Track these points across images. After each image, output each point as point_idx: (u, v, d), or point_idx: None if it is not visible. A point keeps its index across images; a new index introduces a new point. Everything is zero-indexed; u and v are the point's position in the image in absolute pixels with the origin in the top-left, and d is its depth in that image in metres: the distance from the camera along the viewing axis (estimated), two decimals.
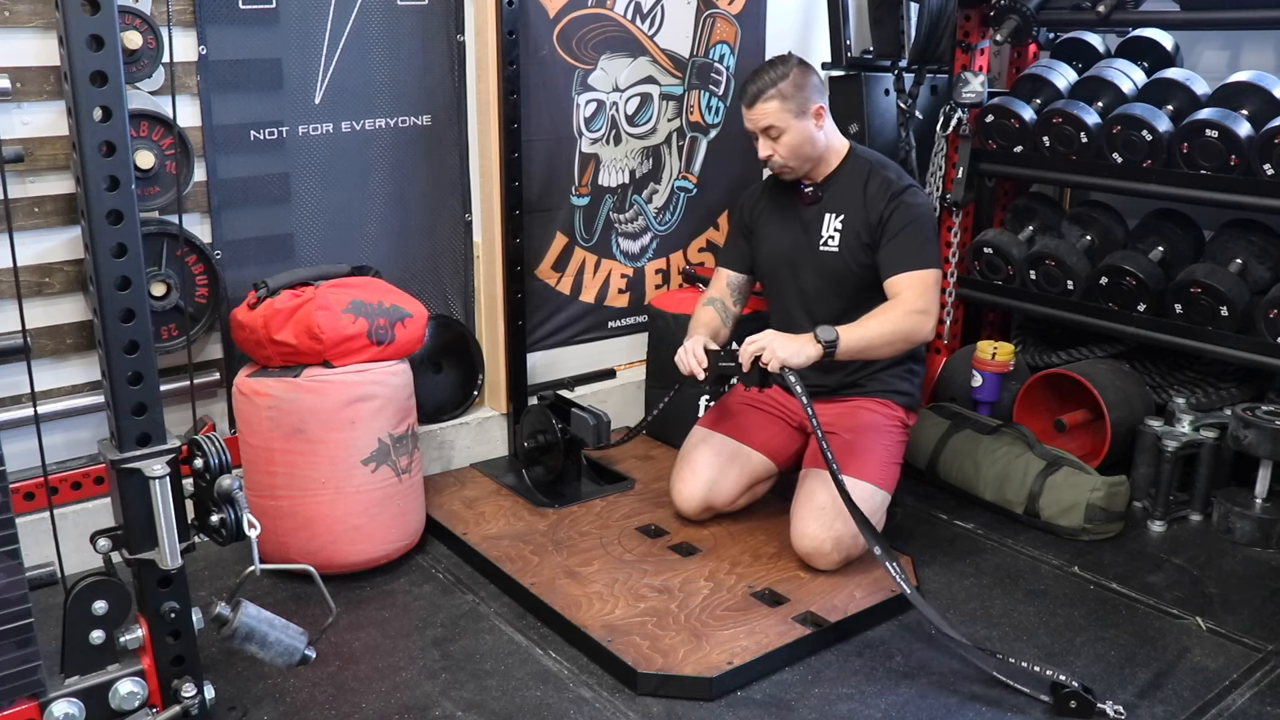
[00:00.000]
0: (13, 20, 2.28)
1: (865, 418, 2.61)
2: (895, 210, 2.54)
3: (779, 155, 2.58)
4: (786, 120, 2.53)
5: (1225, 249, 3.02)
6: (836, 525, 2.45)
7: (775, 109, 2.53)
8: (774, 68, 2.56)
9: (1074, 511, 2.76)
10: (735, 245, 2.86)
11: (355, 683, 2.17)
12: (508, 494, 2.95)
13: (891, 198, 2.55)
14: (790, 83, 2.53)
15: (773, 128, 2.54)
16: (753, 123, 2.57)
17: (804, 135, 2.57)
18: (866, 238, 2.58)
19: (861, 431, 2.58)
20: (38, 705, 1.67)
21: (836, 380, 2.68)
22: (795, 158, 2.59)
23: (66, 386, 2.53)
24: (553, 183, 3.15)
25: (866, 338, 2.42)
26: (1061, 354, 3.46)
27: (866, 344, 2.43)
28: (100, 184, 1.54)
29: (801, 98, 2.54)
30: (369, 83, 2.78)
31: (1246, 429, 2.72)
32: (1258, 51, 3.27)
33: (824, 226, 2.64)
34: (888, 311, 2.47)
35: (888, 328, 2.44)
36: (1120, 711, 2.05)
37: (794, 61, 2.57)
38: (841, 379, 2.69)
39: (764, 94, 2.53)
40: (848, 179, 2.63)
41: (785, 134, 2.55)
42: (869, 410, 2.63)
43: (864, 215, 2.58)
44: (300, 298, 2.45)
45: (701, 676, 2.12)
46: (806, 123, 2.56)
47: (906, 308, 2.47)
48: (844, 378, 2.69)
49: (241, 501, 1.75)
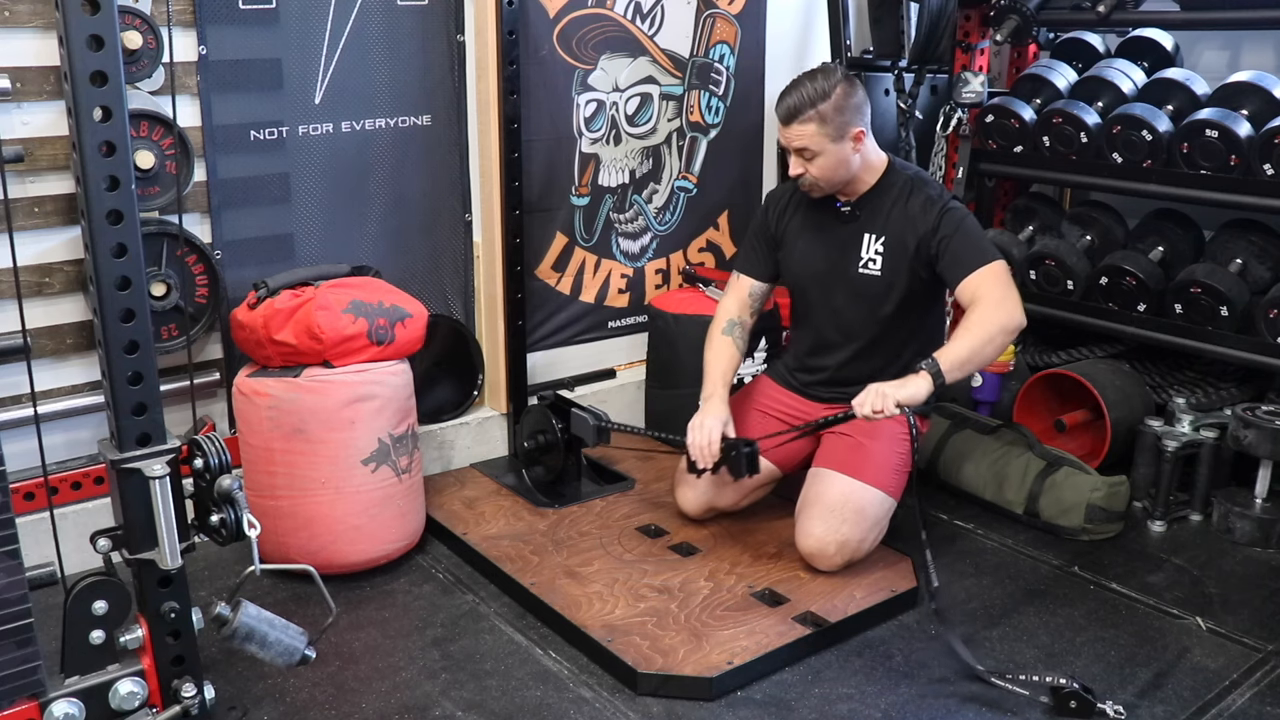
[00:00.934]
0: (13, 20, 2.28)
1: (879, 422, 2.58)
2: (943, 220, 2.43)
3: (810, 175, 2.46)
4: (823, 144, 2.40)
5: (1225, 249, 3.02)
6: (843, 529, 2.45)
7: (812, 132, 2.39)
8: (815, 81, 2.38)
9: (1074, 511, 2.76)
10: (759, 251, 2.72)
11: (355, 683, 2.17)
12: (508, 494, 2.95)
13: (940, 212, 2.44)
14: (832, 104, 2.37)
15: (807, 149, 2.41)
16: (786, 140, 2.44)
17: (839, 159, 2.43)
18: (915, 259, 2.48)
19: (875, 437, 2.55)
20: (38, 705, 1.67)
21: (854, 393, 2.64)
22: (827, 180, 2.47)
23: (66, 386, 2.53)
24: (553, 183, 3.15)
25: (966, 352, 2.31)
26: (1061, 354, 3.46)
27: (969, 356, 2.32)
28: (100, 184, 1.54)
29: (841, 121, 2.39)
30: (369, 83, 2.78)
31: (1246, 429, 2.72)
32: (1258, 51, 3.27)
33: (864, 248, 2.53)
34: (972, 316, 2.35)
35: (981, 331, 2.32)
36: (1120, 711, 2.04)
37: (838, 77, 2.40)
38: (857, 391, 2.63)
39: (802, 114, 2.38)
40: (887, 197, 2.51)
41: (820, 157, 2.42)
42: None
43: (911, 235, 2.47)
44: (300, 298, 2.45)
45: (701, 676, 2.12)
46: (844, 146, 2.42)
47: (990, 304, 2.34)
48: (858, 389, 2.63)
49: (241, 501, 1.75)
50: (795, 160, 2.46)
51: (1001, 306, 2.35)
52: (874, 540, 2.52)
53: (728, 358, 2.67)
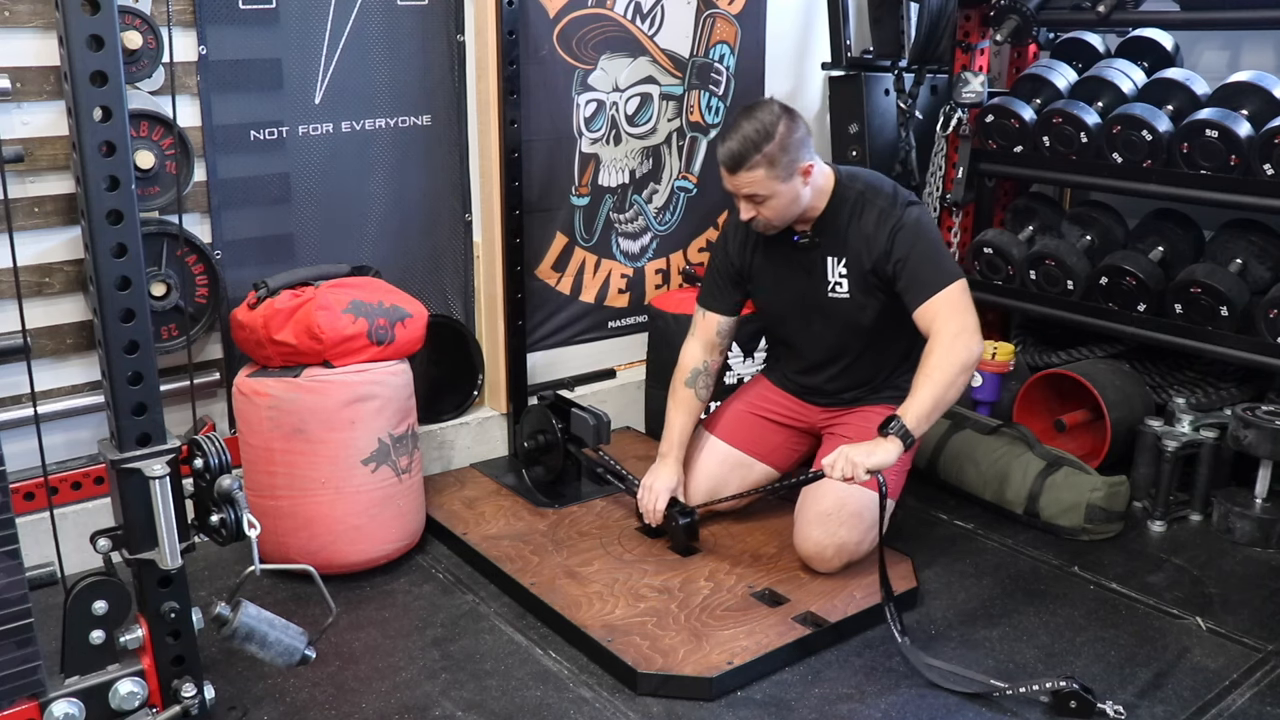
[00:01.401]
0: (13, 20, 2.28)
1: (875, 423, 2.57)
2: (896, 241, 2.36)
3: (761, 217, 2.38)
4: (773, 187, 2.30)
5: (1225, 249, 3.02)
6: (840, 532, 2.45)
7: (761, 176, 2.28)
8: (755, 121, 2.27)
9: (1074, 511, 2.76)
10: (723, 289, 2.64)
11: (355, 683, 2.17)
12: (508, 494, 2.95)
13: (891, 231, 2.36)
14: (777, 144, 2.26)
15: (757, 195, 2.32)
16: (734, 187, 2.35)
17: (791, 198, 2.34)
18: (875, 279, 2.43)
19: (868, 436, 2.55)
20: (38, 705, 1.67)
21: (852, 396, 2.65)
22: (781, 219, 2.39)
23: (66, 386, 2.53)
24: (553, 183, 3.15)
25: (930, 403, 2.26)
26: (1061, 354, 3.46)
27: (934, 406, 2.26)
28: (100, 184, 1.54)
29: (788, 160, 2.28)
30: (369, 83, 2.78)
31: (1246, 429, 2.72)
32: (1258, 51, 3.27)
33: (829, 271, 2.48)
34: (930, 359, 2.29)
35: (941, 377, 2.26)
36: (1120, 711, 2.04)
37: (778, 113, 2.29)
38: (856, 394, 2.65)
39: (748, 160, 2.26)
40: (840, 216, 2.43)
41: (771, 199, 2.32)
42: (879, 415, 2.57)
43: (868, 254, 2.41)
44: (300, 298, 2.45)
45: (701, 676, 2.12)
46: (794, 184, 2.32)
47: (945, 343, 2.28)
48: (857, 393, 2.65)
49: (241, 501, 1.75)
50: (745, 205, 2.36)
51: (957, 342, 2.28)
52: (872, 541, 2.51)
53: (688, 412, 2.66)
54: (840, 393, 2.65)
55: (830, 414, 2.67)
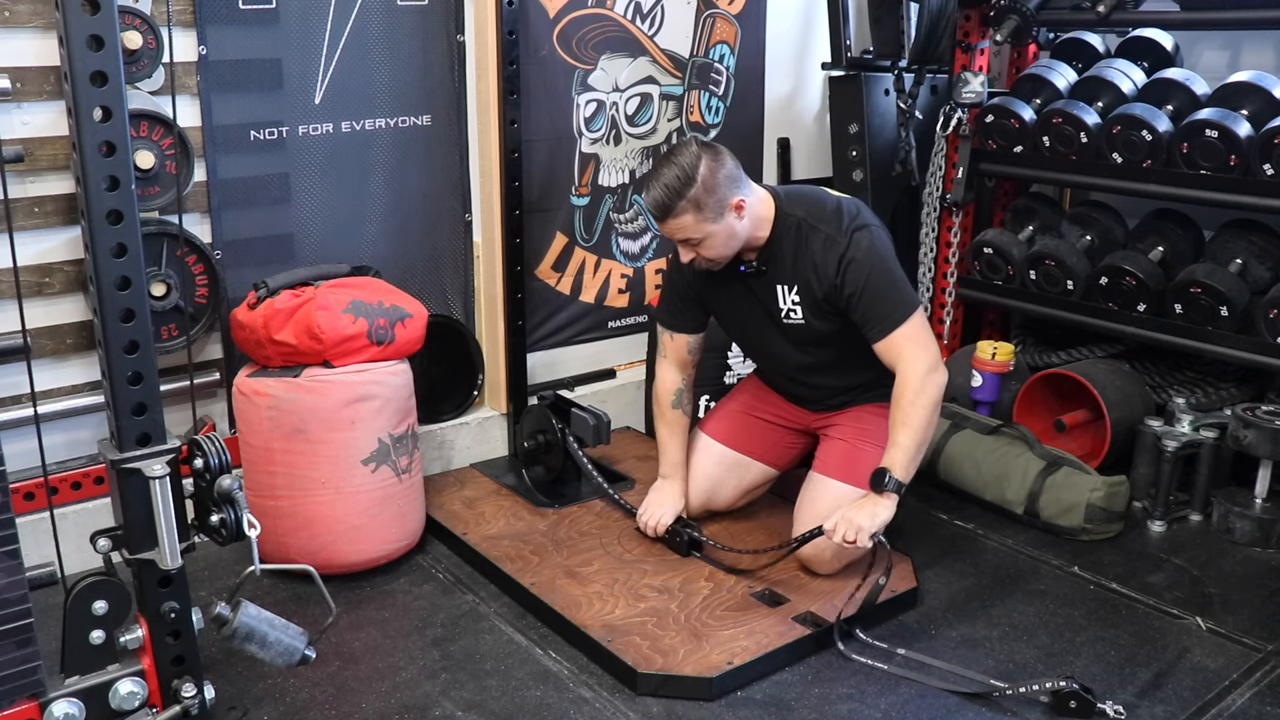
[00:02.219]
0: (13, 20, 2.28)
1: (870, 423, 2.58)
2: (847, 273, 2.31)
3: (702, 258, 2.34)
4: (704, 229, 2.27)
5: (1225, 249, 3.02)
6: None
7: (690, 222, 2.25)
8: (675, 166, 2.22)
9: (1074, 511, 2.76)
10: (684, 309, 2.61)
11: (355, 683, 2.17)
12: (508, 494, 2.95)
13: (839, 262, 2.31)
14: (700, 187, 2.21)
15: (690, 239, 2.30)
16: (667, 234, 2.33)
17: (727, 235, 2.30)
18: (829, 306, 2.39)
19: (866, 439, 2.55)
20: (38, 705, 1.67)
21: (840, 401, 2.64)
22: (722, 257, 2.35)
23: (66, 386, 2.53)
24: (553, 183, 3.15)
25: (913, 448, 2.29)
26: (1061, 354, 3.46)
27: (916, 450, 2.30)
28: (100, 184, 1.54)
29: (715, 200, 2.24)
30: (369, 83, 2.78)
31: (1246, 429, 2.72)
32: (1258, 51, 3.27)
33: (780, 299, 2.44)
34: (902, 403, 2.29)
35: (918, 421, 2.28)
36: (1120, 711, 2.05)
37: (697, 154, 2.24)
38: (844, 399, 2.64)
39: (673, 208, 2.23)
40: (785, 244, 2.38)
41: (707, 240, 2.29)
42: (872, 414, 2.59)
43: (818, 284, 2.36)
44: (300, 298, 2.45)
45: (701, 676, 2.12)
46: (727, 221, 2.28)
47: (915, 383, 2.28)
48: (845, 398, 2.63)
49: (241, 501, 1.75)
50: (683, 249, 2.34)
51: (928, 383, 2.29)
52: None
53: (681, 430, 2.69)
54: (827, 399, 2.64)
55: (822, 416, 2.67)
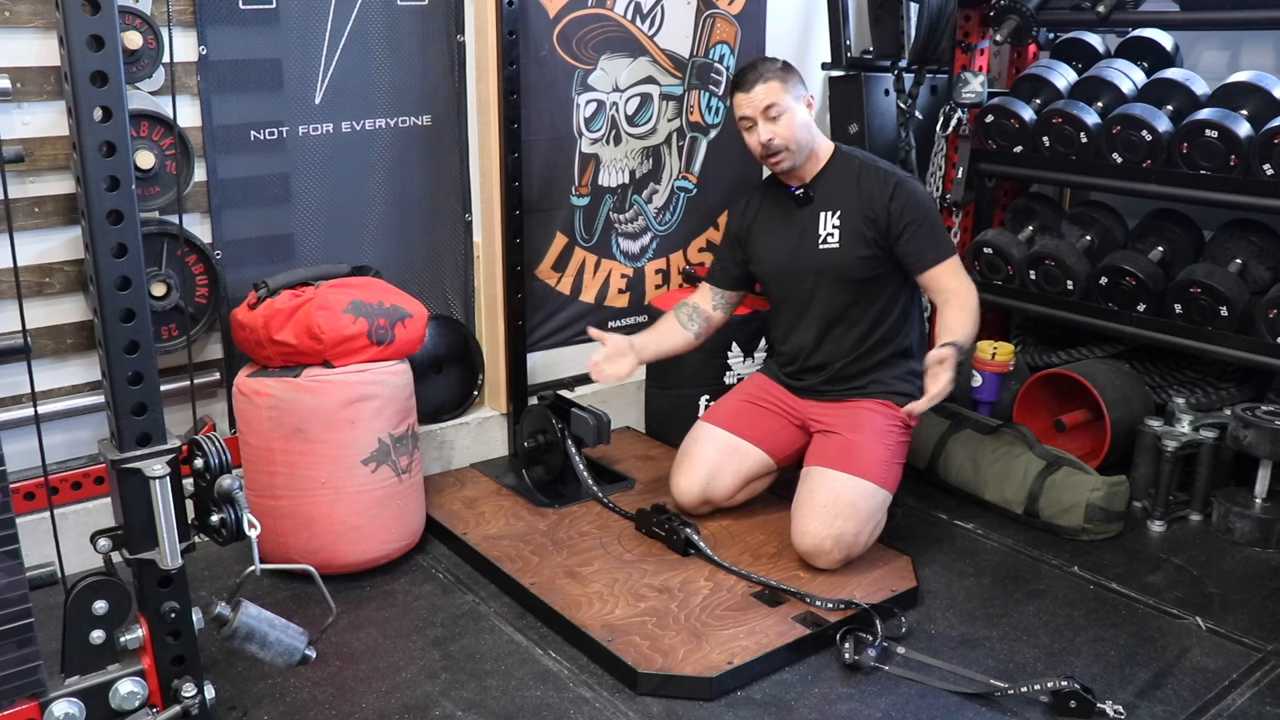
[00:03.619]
0: (13, 20, 2.28)
1: (866, 418, 2.61)
2: (903, 203, 2.57)
3: (779, 137, 2.58)
4: (786, 100, 2.57)
5: (1225, 249, 3.02)
6: (837, 523, 2.46)
7: (777, 88, 2.57)
8: (765, 59, 2.65)
9: (1074, 511, 2.76)
10: (725, 258, 2.89)
11: (355, 683, 2.17)
12: (508, 494, 2.95)
13: (894, 189, 2.58)
14: (783, 68, 2.61)
15: (774, 106, 2.56)
16: (753, 106, 2.59)
17: (801, 120, 2.60)
18: (870, 232, 2.59)
19: (862, 431, 2.58)
20: (38, 705, 1.67)
21: (839, 390, 2.68)
22: (794, 140, 2.59)
23: (66, 386, 2.53)
24: (553, 183, 3.15)
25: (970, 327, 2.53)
26: (1061, 354, 3.46)
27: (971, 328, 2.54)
28: (100, 184, 1.54)
29: (795, 81, 2.62)
30: (369, 83, 2.78)
31: (1246, 429, 2.72)
32: (1258, 51, 3.27)
33: (820, 225, 2.65)
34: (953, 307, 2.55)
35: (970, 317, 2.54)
36: (1120, 711, 2.05)
37: (778, 58, 2.67)
38: (844, 388, 2.68)
39: (765, 74, 2.58)
40: (838, 175, 2.66)
41: (785, 114, 2.58)
42: (870, 410, 2.63)
43: (864, 209, 2.60)
44: (300, 298, 2.45)
45: (701, 676, 2.12)
46: (802, 107, 2.61)
47: (965, 295, 2.56)
48: (845, 387, 2.68)
49: (241, 501, 1.75)
50: (764, 125, 2.58)
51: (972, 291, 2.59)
52: (870, 533, 2.52)
53: (665, 325, 2.86)
54: (830, 385, 2.68)
55: (822, 408, 2.69)
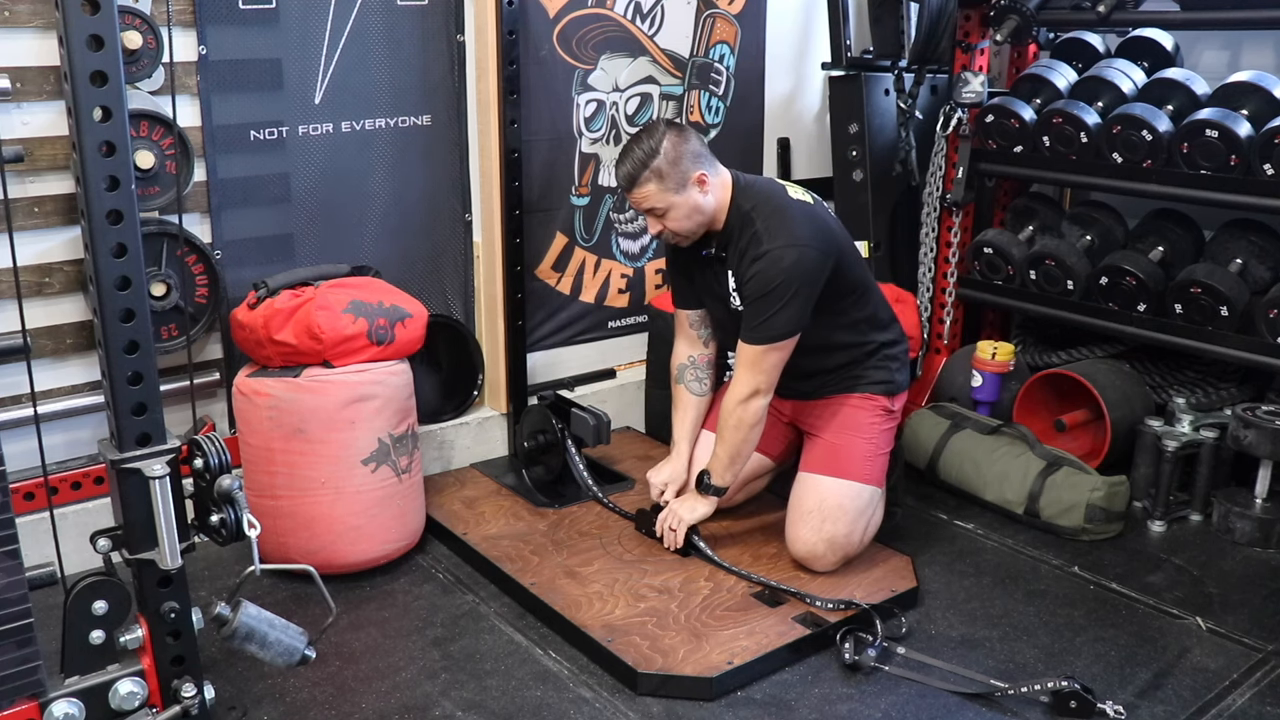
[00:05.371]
0: (13, 20, 2.28)
1: (847, 415, 2.58)
2: (753, 277, 2.40)
3: (668, 229, 2.46)
4: (667, 199, 2.40)
5: (1225, 249, 3.02)
6: (826, 527, 2.46)
7: (654, 191, 2.39)
8: (642, 143, 2.40)
9: (1074, 511, 2.76)
10: (680, 284, 2.72)
11: (355, 683, 2.17)
12: (508, 494, 2.95)
13: (751, 263, 2.40)
14: (664, 159, 2.37)
15: (655, 208, 2.42)
16: (634, 205, 2.47)
17: (690, 207, 2.42)
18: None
19: (844, 430, 2.56)
20: (38, 705, 1.67)
21: (813, 386, 2.63)
22: (686, 230, 2.46)
23: (66, 386, 2.53)
24: (553, 183, 3.15)
25: (728, 458, 2.50)
26: (1061, 354, 3.46)
27: (730, 459, 2.51)
28: (100, 184, 1.54)
29: (679, 172, 2.38)
30: (369, 83, 2.78)
31: (1246, 429, 2.72)
32: (1258, 51, 3.27)
33: (729, 284, 2.52)
34: (724, 414, 2.48)
35: (732, 438, 2.48)
36: (1120, 711, 2.05)
37: (663, 132, 2.40)
38: (817, 384, 2.62)
39: (638, 178, 2.39)
40: (734, 234, 2.47)
41: (670, 211, 2.42)
42: (850, 406, 2.59)
43: (740, 274, 2.46)
44: (300, 298, 2.45)
45: (701, 676, 2.12)
46: (689, 195, 2.41)
47: (730, 403, 2.46)
48: (819, 383, 2.62)
49: (241, 501, 1.75)
50: (650, 220, 2.47)
51: (741, 409, 2.45)
52: (864, 531, 2.52)
53: (684, 406, 2.75)
54: (799, 385, 2.63)
55: (804, 407, 2.67)
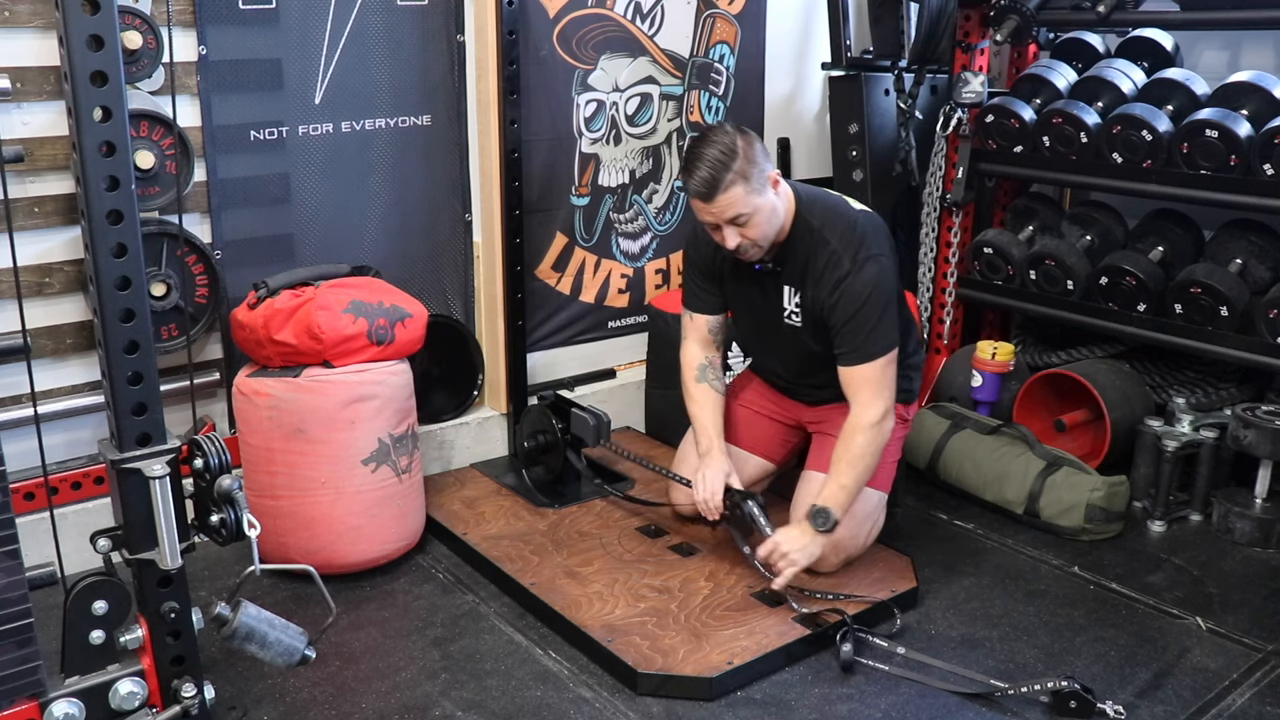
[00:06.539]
0: (13, 20, 2.28)
1: None
2: (840, 299, 2.31)
3: (748, 241, 2.29)
4: (752, 202, 2.22)
5: (1225, 249, 3.02)
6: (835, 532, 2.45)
7: (740, 195, 2.20)
8: (714, 145, 2.21)
9: (1074, 511, 2.76)
10: (704, 288, 2.58)
11: (355, 683, 2.17)
12: (508, 494, 2.95)
13: (836, 284, 2.31)
14: (743, 158, 2.19)
15: (740, 215, 2.23)
16: (715, 215, 2.25)
17: (769, 210, 2.27)
18: (820, 320, 2.41)
19: None
20: (38, 705, 1.67)
21: (830, 394, 2.63)
22: (765, 238, 2.31)
23: (66, 386, 2.53)
24: (553, 183, 3.15)
25: (855, 488, 2.36)
26: (1061, 354, 3.46)
27: (857, 489, 2.37)
28: (100, 184, 1.54)
29: (759, 172, 2.23)
30: (369, 83, 2.78)
31: (1246, 429, 2.72)
32: (1258, 51, 3.27)
33: (785, 298, 2.44)
34: (855, 441, 2.34)
35: (865, 464, 2.34)
36: (1120, 711, 2.05)
37: (733, 131, 2.24)
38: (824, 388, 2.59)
39: (720, 182, 2.19)
40: (800, 248, 2.37)
41: (753, 217, 2.24)
42: None
43: (815, 296, 2.37)
44: (300, 298, 2.45)
45: (701, 676, 2.12)
46: (768, 196, 2.26)
47: (867, 423, 2.33)
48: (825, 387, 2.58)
49: (241, 501, 1.75)
50: (729, 231, 2.27)
51: (880, 429, 2.34)
52: (868, 534, 2.52)
53: (711, 404, 2.60)
54: (818, 391, 2.63)
55: (814, 410, 2.67)
